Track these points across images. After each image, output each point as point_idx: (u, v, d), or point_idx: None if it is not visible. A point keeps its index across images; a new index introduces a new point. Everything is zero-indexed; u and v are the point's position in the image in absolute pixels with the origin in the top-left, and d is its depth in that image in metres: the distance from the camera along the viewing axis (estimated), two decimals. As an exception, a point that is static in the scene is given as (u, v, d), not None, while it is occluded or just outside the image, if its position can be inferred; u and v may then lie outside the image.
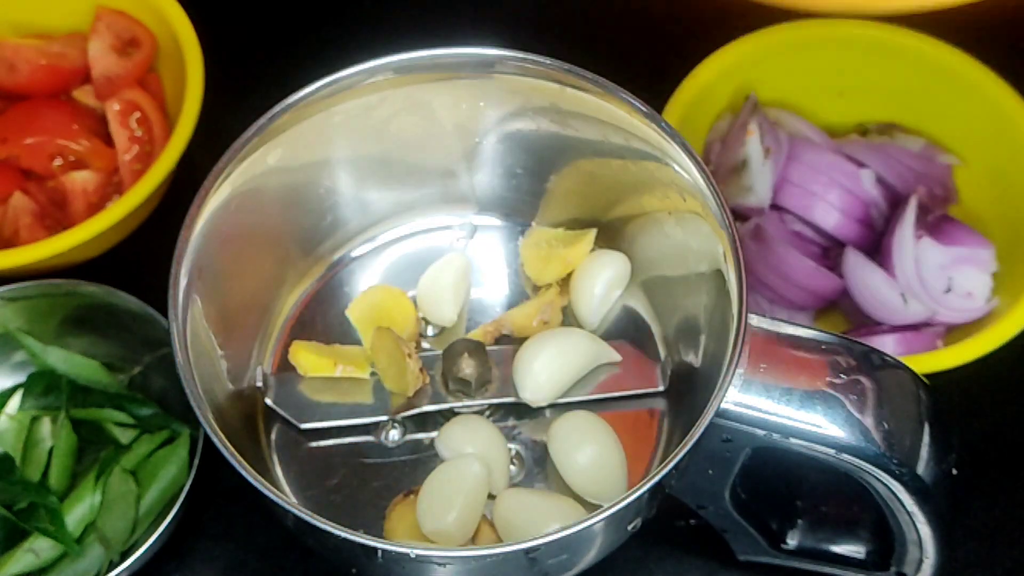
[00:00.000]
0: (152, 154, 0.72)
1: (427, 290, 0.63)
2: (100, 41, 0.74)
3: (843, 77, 0.73)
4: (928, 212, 0.67)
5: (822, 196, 0.68)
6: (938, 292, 0.65)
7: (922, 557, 0.54)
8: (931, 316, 0.65)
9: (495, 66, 0.59)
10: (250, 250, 0.60)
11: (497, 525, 0.57)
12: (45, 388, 0.64)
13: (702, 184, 0.55)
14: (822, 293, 0.67)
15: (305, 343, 0.62)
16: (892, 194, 0.70)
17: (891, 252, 0.66)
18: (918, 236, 0.65)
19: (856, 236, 0.68)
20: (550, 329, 0.61)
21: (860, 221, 0.68)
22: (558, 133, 0.61)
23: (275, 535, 0.65)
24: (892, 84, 0.73)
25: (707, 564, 0.64)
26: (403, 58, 0.58)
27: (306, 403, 0.60)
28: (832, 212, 0.68)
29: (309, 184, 0.62)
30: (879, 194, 0.69)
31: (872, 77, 0.73)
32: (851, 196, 0.68)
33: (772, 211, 0.69)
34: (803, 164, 0.68)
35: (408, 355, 0.58)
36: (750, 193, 0.68)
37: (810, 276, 0.66)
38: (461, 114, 0.62)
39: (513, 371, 0.59)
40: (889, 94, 0.73)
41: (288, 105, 0.56)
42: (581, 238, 0.64)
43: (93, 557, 0.61)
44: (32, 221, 0.70)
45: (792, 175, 0.68)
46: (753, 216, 0.68)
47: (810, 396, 0.50)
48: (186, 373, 0.51)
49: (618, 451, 0.58)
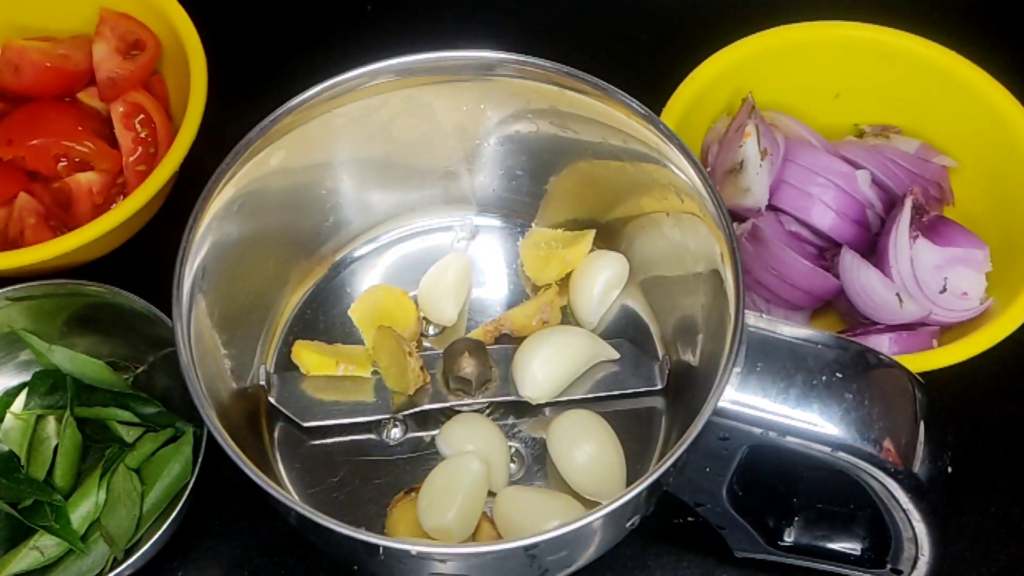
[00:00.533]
0: (156, 156, 0.72)
1: (428, 290, 0.64)
2: (104, 44, 0.74)
3: (839, 79, 0.73)
4: (923, 213, 0.67)
5: (818, 197, 0.68)
6: (933, 292, 0.66)
7: (917, 554, 0.55)
8: (926, 316, 0.66)
9: (495, 69, 0.59)
10: (253, 250, 0.60)
11: (497, 522, 0.57)
12: (50, 387, 0.64)
13: (700, 185, 0.55)
14: (818, 293, 0.68)
15: (307, 342, 0.62)
16: (888, 195, 0.70)
17: (887, 252, 0.66)
18: (913, 237, 0.66)
19: (852, 237, 0.68)
20: (549, 328, 0.61)
21: (856, 222, 0.68)
22: (557, 135, 0.62)
23: (278, 532, 0.65)
24: (888, 86, 0.73)
25: (704, 561, 0.64)
26: (404, 61, 0.58)
27: (308, 401, 0.60)
28: (828, 213, 0.68)
29: (311, 185, 0.63)
30: (875, 195, 0.69)
31: (869, 79, 0.73)
32: (847, 197, 0.68)
33: (769, 212, 0.69)
34: (800, 166, 0.69)
35: (409, 354, 0.58)
36: (747, 194, 0.68)
37: (806, 276, 0.67)
38: (462, 116, 0.62)
39: (512, 369, 0.59)
40: (885, 96, 0.74)
41: (291, 107, 0.57)
42: (580, 239, 0.64)
43: (97, 554, 0.61)
44: (37, 222, 0.70)
45: (789, 176, 0.69)
46: (750, 217, 0.69)
47: (806, 395, 0.50)
48: (190, 372, 0.51)
49: (617, 449, 0.58)
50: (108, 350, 0.67)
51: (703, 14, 0.86)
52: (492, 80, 0.60)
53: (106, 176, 0.72)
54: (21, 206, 0.71)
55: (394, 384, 0.60)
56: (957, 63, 0.71)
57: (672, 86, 0.70)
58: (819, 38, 0.72)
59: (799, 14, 0.72)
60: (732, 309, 0.52)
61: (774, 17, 0.72)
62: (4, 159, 0.72)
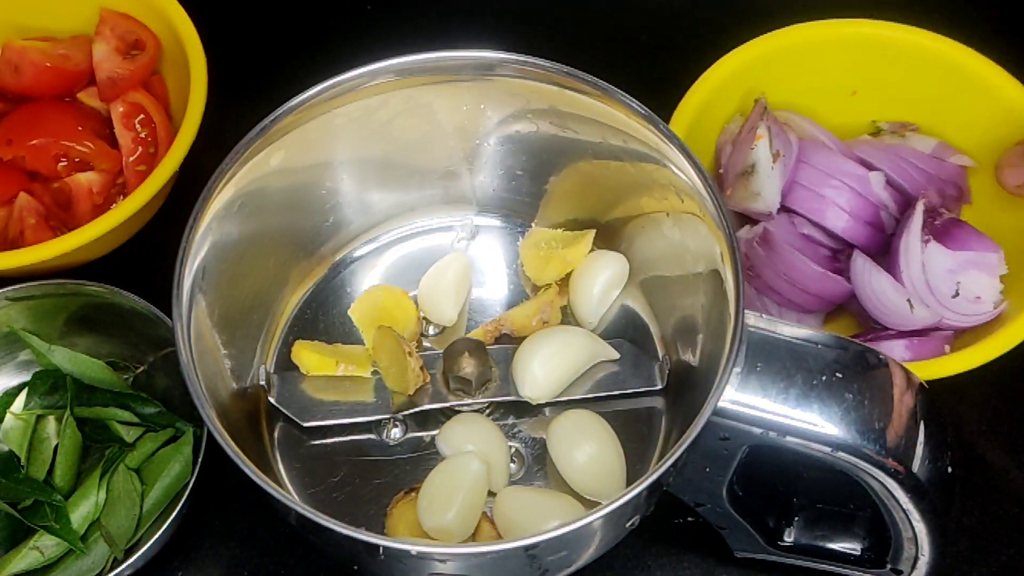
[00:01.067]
0: (156, 156, 0.72)
1: (428, 290, 0.64)
2: (104, 44, 0.74)
3: (855, 77, 0.73)
4: (937, 216, 0.66)
5: (832, 199, 0.67)
6: (946, 297, 0.65)
7: (918, 554, 0.55)
8: (938, 321, 0.65)
9: (495, 69, 0.59)
10: (253, 250, 0.60)
11: (497, 522, 0.57)
12: (50, 387, 0.64)
13: (700, 185, 0.55)
14: (829, 297, 0.67)
15: (307, 342, 0.62)
16: (903, 196, 0.69)
17: (898, 257, 0.66)
18: (925, 241, 0.65)
19: (866, 239, 0.68)
20: (549, 328, 0.61)
21: (870, 224, 0.68)
22: (557, 135, 0.62)
23: (278, 532, 0.65)
24: (905, 84, 0.72)
25: (704, 561, 0.64)
26: (404, 61, 0.58)
27: (308, 401, 0.60)
28: (842, 215, 0.68)
29: (311, 185, 0.63)
30: (889, 196, 0.68)
31: (885, 77, 0.72)
32: (861, 199, 0.68)
33: (782, 214, 0.68)
34: (813, 167, 0.68)
35: (409, 354, 0.58)
36: (758, 198, 0.67)
37: (817, 280, 0.66)
38: (462, 116, 0.62)
39: (512, 369, 0.59)
40: (902, 94, 0.73)
41: (291, 107, 0.57)
42: (580, 239, 0.64)
43: (98, 554, 0.61)
44: (37, 222, 0.70)
45: (802, 178, 0.68)
46: (762, 220, 0.68)
47: (806, 395, 0.51)
48: (190, 372, 0.51)
49: (616, 449, 0.58)
50: (108, 350, 0.67)
51: (703, 14, 0.86)
52: (492, 80, 0.60)
53: (106, 176, 0.72)
54: (21, 206, 0.71)
55: (394, 384, 0.60)
56: (974, 60, 0.70)
57: (673, 86, 0.70)
58: (834, 36, 0.72)
59: (802, 14, 0.72)
60: (732, 309, 0.52)
61: (776, 16, 0.72)
62: (4, 159, 0.72)
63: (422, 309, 0.64)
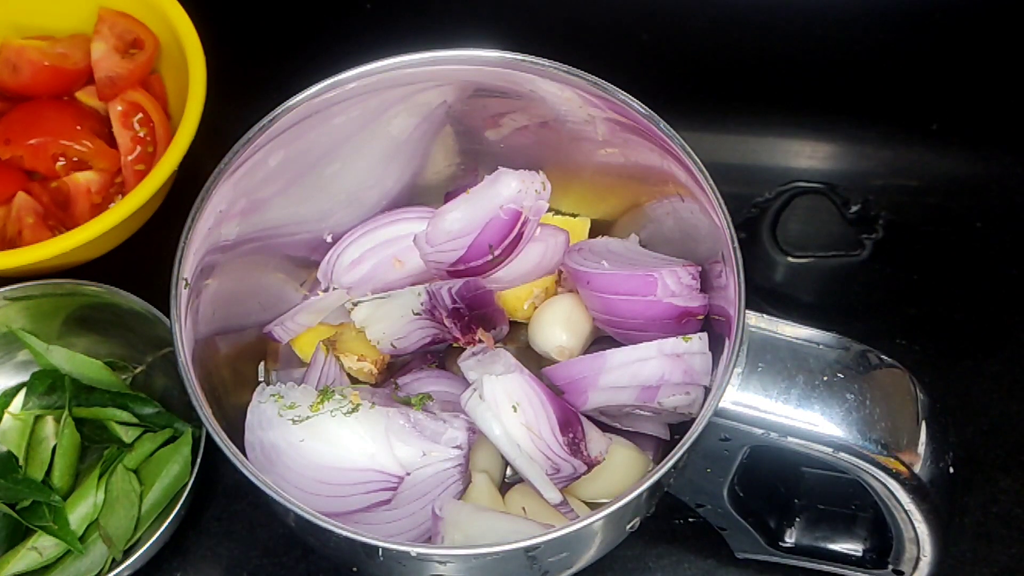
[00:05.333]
0: (155, 155, 0.72)
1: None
2: (103, 43, 0.74)
3: None
4: None
5: None
6: None
7: (919, 555, 0.55)
8: None
9: (495, 68, 0.59)
10: (252, 250, 0.60)
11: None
12: (48, 387, 0.64)
13: (700, 185, 0.55)
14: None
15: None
16: None
17: None
18: None
19: None
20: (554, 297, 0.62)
21: None
22: (556, 133, 0.62)
23: (277, 533, 0.65)
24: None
25: (705, 562, 0.64)
26: (404, 61, 0.58)
27: (308, 402, 0.60)
28: None
29: (311, 185, 0.63)
30: None
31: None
32: None
33: None
34: None
35: None
36: None
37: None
38: (462, 116, 0.62)
39: (530, 331, 0.60)
40: None
41: (290, 107, 0.57)
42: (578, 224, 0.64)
43: (96, 555, 0.61)
44: (35, 221, 0.70)
45: None
46: None
47: (807, 395, 0.50)
48: (188, 372, 0.51)
49: (618, 450, 0.58)
50: (106, 350, 0.66)
51: (703, 13, 0.86)
52: (492, 80, 0.60)
53: (104, 175, 0.72)
54: (19, 205, 0.71)
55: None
56: None
57: (673, 86, 0.69)
58: None
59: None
60: (732, 309, 0.52)
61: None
62: (2, 158, 0.72)
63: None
